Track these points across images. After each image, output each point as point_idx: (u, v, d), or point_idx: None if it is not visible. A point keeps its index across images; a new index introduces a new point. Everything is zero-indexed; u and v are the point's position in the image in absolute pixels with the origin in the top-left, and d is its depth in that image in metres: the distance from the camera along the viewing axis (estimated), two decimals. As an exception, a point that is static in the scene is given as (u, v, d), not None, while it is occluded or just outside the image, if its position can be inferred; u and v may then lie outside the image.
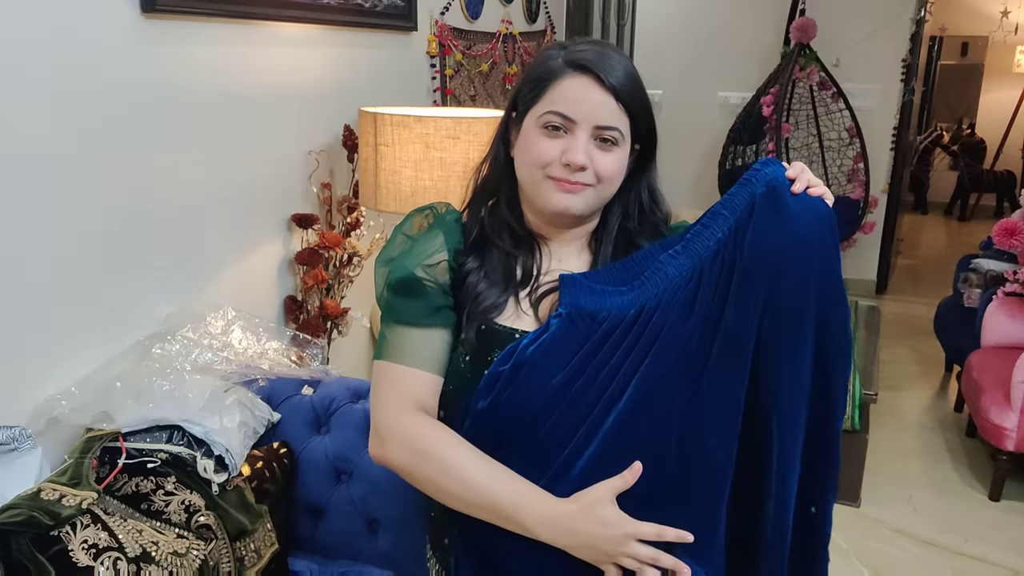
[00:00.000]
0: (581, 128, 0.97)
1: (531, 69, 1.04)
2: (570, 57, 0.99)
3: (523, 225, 1.07)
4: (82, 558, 1.18)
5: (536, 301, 1.03)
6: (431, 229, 1.07)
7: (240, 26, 1.88)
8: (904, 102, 4.75)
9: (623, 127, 0.98)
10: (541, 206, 1.02)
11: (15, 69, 1.35)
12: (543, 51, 1.05)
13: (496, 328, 1.02)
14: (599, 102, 0.97)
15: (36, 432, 1.39)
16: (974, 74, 8.05)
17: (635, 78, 1.00)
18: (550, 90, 0.99)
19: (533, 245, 1.07)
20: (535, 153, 0.99)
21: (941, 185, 7.94)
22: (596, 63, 0.97)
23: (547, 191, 0.99)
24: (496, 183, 1.08)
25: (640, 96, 1.00)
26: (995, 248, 3.21)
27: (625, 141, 1.00)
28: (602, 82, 0.96)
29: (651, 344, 0.91)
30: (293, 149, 2.12)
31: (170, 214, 1.72)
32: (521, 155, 1.02)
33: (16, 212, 1.38)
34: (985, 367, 2.92)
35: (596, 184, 0.99)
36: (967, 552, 2.50)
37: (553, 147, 0.98)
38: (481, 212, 1.08)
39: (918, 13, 4.62)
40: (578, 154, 0.96)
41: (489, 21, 3.25)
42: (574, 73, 0.98)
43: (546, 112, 0.98)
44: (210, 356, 1.64)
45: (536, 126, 0.99)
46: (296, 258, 2.11)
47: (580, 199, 0.99)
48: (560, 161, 0.97)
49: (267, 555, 1.49)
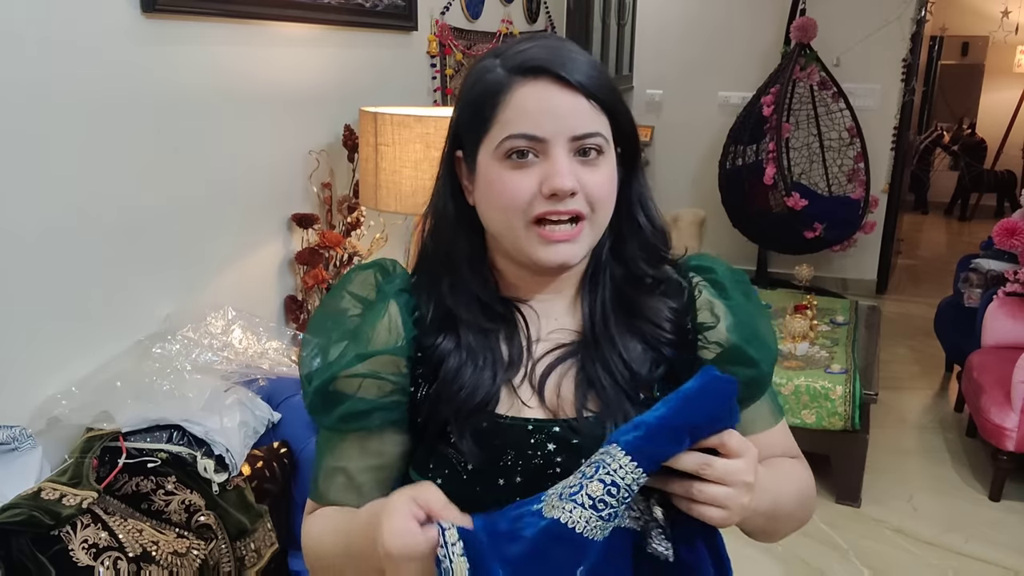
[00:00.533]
0: (555, 145, 0.75)
1: (466, 92, 0.81)
2: (513, 62, 0.77)
3: (495, 292, 0.84)
4: (82, 558, 1.18)
5: (540, 381, 0.81)
6: (376, 305, 0.83)
7: (240, 26, 1.88)
8: (904, 102, 4.75)
9: (604, 130, 0.77)
10: (530, 261, 0.79)
11: (15, 69, 1.36)
12: (474, 66, 0.82)
13: (501, 423, 0.79)
14: (569, 107, 0.75)
15: (36, 432, 1.39)
16: (974, 74, 8.05)
17: (600, 68, 0.79)
18: (501, 110, 0.76)
19: (512, 315, 0.83)
20: (506, 196, 0.76)
21: (941, 185, 7.94)
22: (550, 60, 0.75)
23: (534, 245, 0.77)
24: (451, 241, 0.83)
25: (613, 88, 0.79)
26: (995, 248, 3.21)
27: (610, 148, 0.79)
28: (565, 81, 0.75)
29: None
30: (293, 149, 2.12)
31: (170, 214, 1.72)
32: (488, 202, 0.79)
33: (16, 212, 1.38)
34: (985, 367, 2.92)
35: (591, 214, 0.77)
36: (967, 552, 2.49)
37: (527, 180, 0.75)
38: (438, 277, 0.84)
39: (918, 13, 4.62)
40: (563, 178, 0.74)
41: (489, 21, 3.25)
42: (524, 79, 0.76)
43: (504, 139, 0.76)
44: (210, 356, 1.64)
45: (495, 160, 0.77)
46: (296, 258, 2.11)
47: (578, 246, 0.78)
48: (542, 194, 0.75)
49: (267, 555, 1.49)
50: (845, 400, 2.59)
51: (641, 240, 0.85)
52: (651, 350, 0.82)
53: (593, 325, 0.83)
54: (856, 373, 2.69)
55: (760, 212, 4.51)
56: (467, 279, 0.83)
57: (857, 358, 2.86)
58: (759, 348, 0.83)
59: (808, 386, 2.63)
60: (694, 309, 0.85)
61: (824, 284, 4.78)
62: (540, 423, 0.79)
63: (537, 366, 0.82)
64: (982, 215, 7.69)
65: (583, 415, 0.78)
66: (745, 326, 0.83)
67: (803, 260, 4.29)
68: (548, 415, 0.80)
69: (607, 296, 0.84)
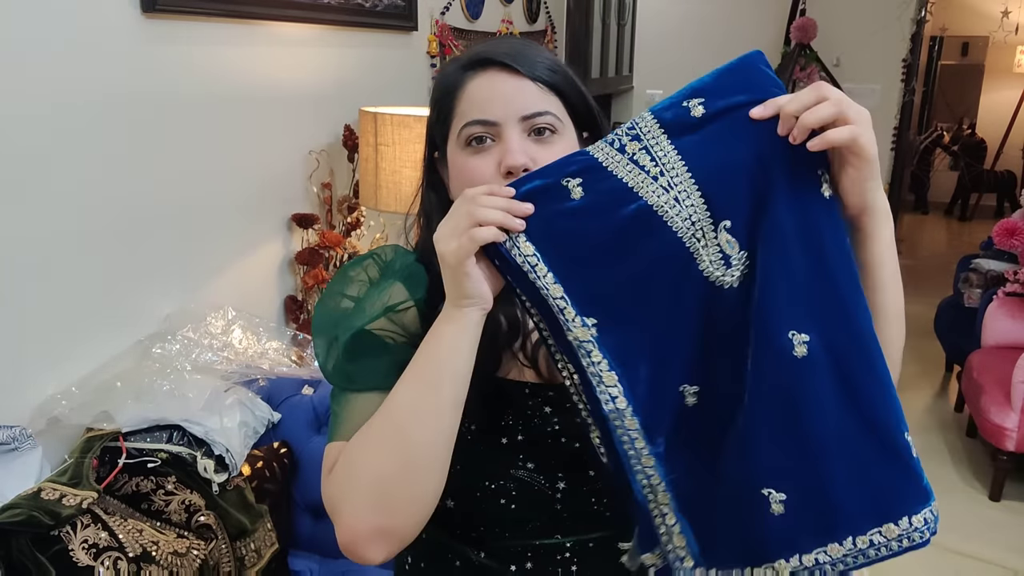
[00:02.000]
0: (507, 127, 0.81)
1: (432, 96, 0.89)
2: (467, 59, 0.85)
3: None
4: (82, 558, 1.18)
5: (532, 352, 0.86)
6: (384, 277, 0.88)
7: (240, 26, 1.88)
8: (904, 102, 4.75)
9: (556, 110, 0.83)
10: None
11: (16, 69, 1.36)
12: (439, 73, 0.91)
13: (502, 385, 0.85)
14: (515, 89, 0.81)
15: (36, 432, 1.39)
16: (974, 74, 8.05)
17: (553, 60, 0.86)
18: (457, 103, 0.84)
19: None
20: (471, 177, 0.82)
21: (941, 185, 7.94)
22: (497, 52, 0.83)
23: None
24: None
25: (565, 74, 0.85)
26: (995, 248, 3.21)
27: (566, 127, 0.84)
28: (512, 69, 0.82)
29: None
30: (293, 149, 2.12)
31: (170, 214, 1.72)
32: (457, 189, 0.85)
33: (16, 212, 1.38)
34: (985, 367, 2.92)
35: None
36: (967, 552, 2.49)
37: (485, 163, 0.82)
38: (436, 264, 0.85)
39: (918, 13, 4.62)
40: (515, 154, 0.80)
41: (489, 21, 3.25)
42: (476, 72, 0.83)
43: (462, 128, 0.83)
44: (210, 356, 1.64)
45: (459, 150, 0.84)
46: (296, 258, 2.11)
47: None
48: (500, 172, 0.81)
49: (267, 555, 1.49)
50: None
51: None
52: None
53: None
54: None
55: (760, 212, 4.50)
56: None
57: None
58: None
59: (808, 386, 2.62)
60: None
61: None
62: (535, 387, 0.85)
63: (531, 336, 0.86)
64: (982, 215, 7.68)
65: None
66: None
67: (803, 260, 4.29)
68: (543, 380, 0.86)
69: None
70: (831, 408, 0.68)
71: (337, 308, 0.87)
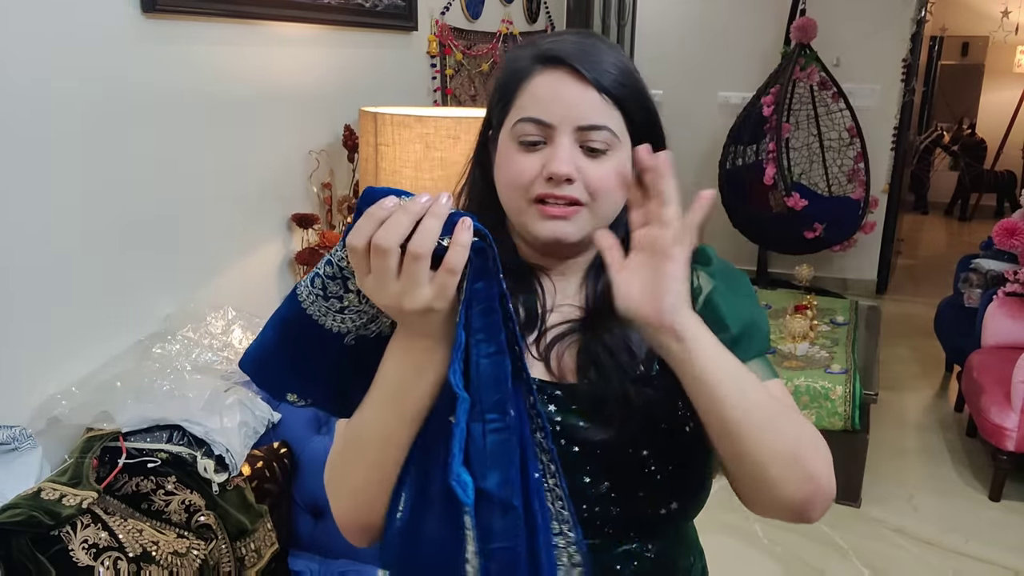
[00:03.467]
0: (561, 132, 0.79)
1: (499, 74, 0.88)
2: (540, 51, 0.82)
3: (515, 257, 0.89)
4: (82, 558, 1.18)
5: (546, 349, 0.85)
6: None
7: (240, 26, 1.88)
8: (904, 102, 4.75)
9: (615, 126, 0.81)
10: (531, 236, 0.84)
11: (15, 69, 1.36)
12: (511, 51, 0.88)
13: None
14: (577, 98, 0.79)
15: (36, 432, 1.39)
16: (974, 74, 8.05)
17: (624, 67, 0.83)
18: (519, 94, 0.82)
19: (532, 279, 0.88)
20: (512, 174, 0.81)
21: (941, 185, 7.94)
22: (571, 53, 0.80)
23: (533, 219, 0.82)
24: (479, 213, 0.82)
25: (633, 86, 0.83)
26: (995, 248, 3.21)
27: (622, 144, 0.82)
28: (579, 74, 0.79)
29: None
30: (293, 149, 2.12)
31: (170, 214, 1.72)
32: (499, 179, 0.85)
33: (16, 212, 1.38)
34: (985, 367, 2.92)
35: (590, 202, 0.80)
36: (967, 552, 2.49)
37: (531, 163, 0.80)
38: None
39: (918, 13, 4.62)
40: (560, 163, 0.78)
41: (489, 21, 3.25)
42: (544, 68, 0.81)
43: (517, 122, 0.81)
44: (210, 356, 1.64)
45: (510, 141, 0.82)
46: (296, 258, 2.11)
47: (573, 225, 0.81)
48: (543, 176, 0.79)
49: (267, 555, 1.49)
50: (845, 400, 2.59)
51: None
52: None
53: (597, 305, 0.87)
54: (856, 373, 2.69)
55: (760, 212, 4.51)
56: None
57: (857, 358, 2.86)
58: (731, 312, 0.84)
59: (808, 386, 2.63)
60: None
61: (824, 284, 4.78)
62: (544, 384, 0.83)
63: (548, 333, 0.85)
64: (982, 215, 7.69)
65: (583, 381, 0.82)
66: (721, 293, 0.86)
67: (803, 260, 4.29)
68: (551, 378, 0.84)
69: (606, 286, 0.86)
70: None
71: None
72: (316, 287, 0.69)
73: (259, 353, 0.75)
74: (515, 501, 0.67)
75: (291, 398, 0.77)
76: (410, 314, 0.65)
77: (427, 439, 0.71)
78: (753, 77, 4.77)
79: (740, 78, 4.90)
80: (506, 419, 0.67)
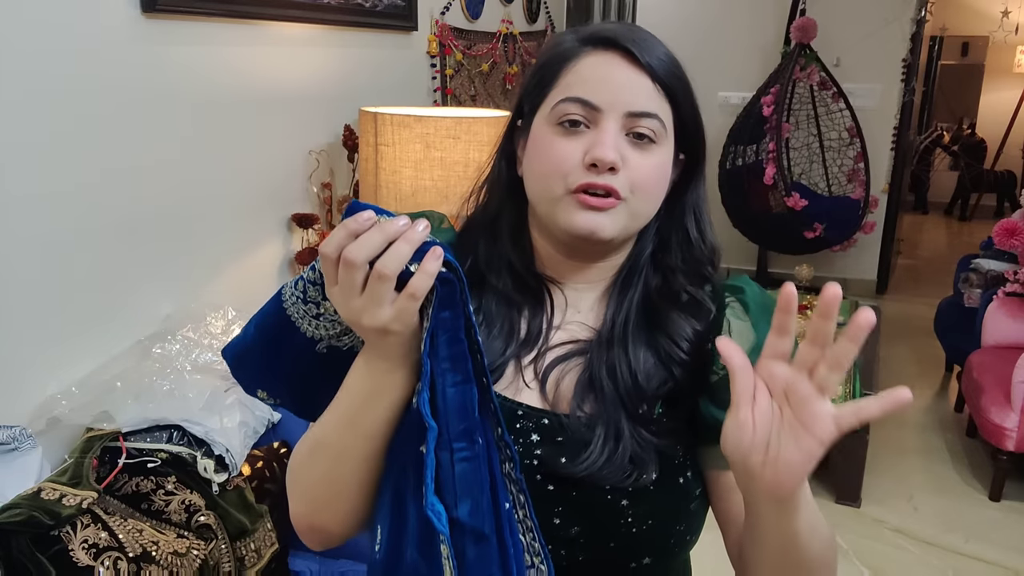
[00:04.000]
0: (608, 117, 0.73)
1: (538, 59, 0.80)
2: (586, 33, 0.76)
3: (530, 264, 0.82)
4: (82, 558, 1.18)
5: (544, 372, 0.78)
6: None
7: (240, 26, 1.88)
8: (904, 102, 4.75)
9: (664, 116, 0.75)
10: (561, 229, 0.76)
11: (15, 69, 1.36)
12: (552, 38, 0.83)
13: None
14: (630, 81, 0.73)
15: (36, 432, 1.39)
16: (974, 74, 8.05)
17: (675, 59, 0.77)
18: (563, 75, 0.75)
19: (542, 293, 0.81)
20: (552, 160, 0.74)
21: (941, 185, 7.94)
22: (624, 35, 0.74)
23: (568, 210, 0.74)
24: (497, 210, 0.83)
25: (684, 80, 0.77)
26: (995, 248, 3.21)
27: (668, 139, 0.76)
28: (634, 58, 0.73)
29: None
30: (293, 149, 2.12)
31: (170, 214, 1.72)
32: (532, 167, 0.77)
33: (16, 212, 1.38)
34: (985, 367, 2.92)
35: (630, 196, 0.74)
36: (967, 552, 2.49)
37: (573, 147, 0.73)
38: (477, 241, 0.83)
39: (918, 13, 4.62)
40: (606, 148, 0.71)
41: (489, 21, 3.25)
42: (594, 50, 0.75)
43: (560, 101, 0.74)
44: (210, 356, 1.64)
45: (548, 125, 0.75)
46: (296, 258, 2.11)
47: (610, 219, 0.74)
48: (584, 163, 0.72)
49: (267, 555, 1.49)
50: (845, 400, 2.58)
51: (686, 253, 0.82)
52: (663, 367, 0.78)
53: (612, 327, 0.79)
54: (856, 373, 2.69)
55: (760, 212, 4.50)
56: (506, 248, 0.82)
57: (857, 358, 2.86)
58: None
59: (808, 386, 2.62)
60: (718, 329, 0.80)
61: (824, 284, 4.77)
62: (531, 411, 0.77)
63: (548, 354, 0.79)
64: (982, 215, 7.69)
65: (576, 414, 0.75)
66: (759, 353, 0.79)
67: (803, 260, 4.29)
68: (543, 405, 0.77)
69: (635, 301, 0.80)
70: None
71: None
72: (298, 289, 0.69)
73: (239, 346, 0.75)
74: (486, 530, 0.65)
75: (261, 395, 0.78)
76: (368, 331, 0.64)
77: (399, 470, 0.70)
78: (753, 77, 4.76)
79: (740, 78, 4.90)
80: (474, 448, 0.65)
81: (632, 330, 0.79)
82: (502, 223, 0.83)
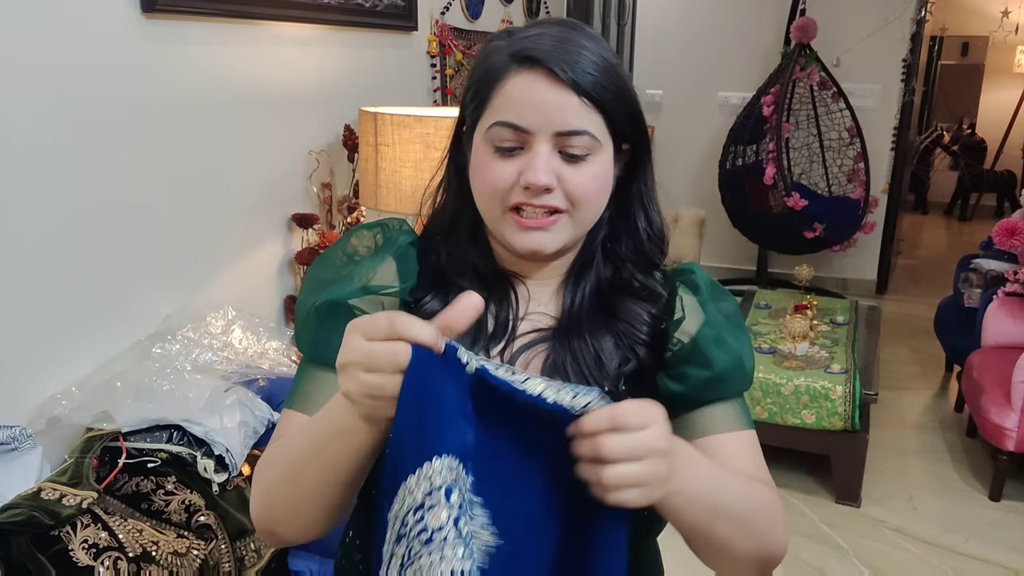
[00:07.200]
0: (538, 139, 0.75)
1: (473, 69, 0.82)
2: (516, 47, 0.76)
3: (491, 262, 0.85)
4: (82, 558, 1.18)
5: (512, 359, 0.82)
6: (381, 251, 0.85)
7: (240, 26, 1.88)
8: (904, 102, 4.75)
9: (595, 129, 0.76)
10: (507, 246, 0.80)
11: (15, 69, 1.36)
12: (488, 42, 0.82)
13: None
14: (555, 102, 0.74)
15: (36, 432, 1.39)
16: (974, 74, 8.06)
17: (605, 64, 0.76)
18: (495, 95, 0.77)
19: (506, 286, 0.84)
20: (488, 182, 0.77)
21: (941, 185, 7.94)
22: (547, 52, 0.74)
23: (510, 230, 0.78)
24: (454, 213, 0.86)
25: (614, 86, 0.77)
26: (995, 248, 3.20)
27: (603, 147, 0.77)
28: (556, 76, 0.74)
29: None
30: (293, 149, 2.12)
31: (170, 214, 1.72)
32: (475, 184, 0.80)
33: (16, 212, 1.38)
34: (985, 367, 2.92)
35: (571, 209, 0.77)
36: (967, 552, 2.49)
37: (508, 170, 0.76)
38: (438, 244, 0.86)
39: (918, 13, 4.62)
40: (537, 173, 0.74)
41: (489, 21, 3.25)
42: (520, 69, 0.75)
43: (492, 125, 0.76)
44: (210, 356, 1.64)
45: (485, 144, 0.77)
46: (296, 258, 2.11)
47: (552, 235, 0.78)
48: (519, 184, 0.75)
49: (267, 555, 1.49)
50: (845, 400, 2.59)
51: (636, 242, 0.85)
52: (623, 348, 0.82)
53: (570, 317, 0.83)
54: (856, 373, 2.69)
55: (760, 212, 4.51)
56: (467, 249, 0.84)
57: (857, 358, 2.86)
58: (717, 350, 0.81)
59: (808, 386, 2.63)
60: (671, 311, 0.84)
61: (824, 284, 4.78)
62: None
63: (516, 341, 0.82)
64: (982, 215, 7.69)
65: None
66: (711, 327, 0.83)
67: (803, 260, 4.29)
68: None
69: (587, 292, 0.84)
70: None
71: (330, 268, 0.84)
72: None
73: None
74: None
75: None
76: (359, 400, 0.63)
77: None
78: (753, 77, 4.77)
79: (740, 78, 4.90)
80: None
81: (588, 318, 0.83)
82: (460, 227, 0.85)
